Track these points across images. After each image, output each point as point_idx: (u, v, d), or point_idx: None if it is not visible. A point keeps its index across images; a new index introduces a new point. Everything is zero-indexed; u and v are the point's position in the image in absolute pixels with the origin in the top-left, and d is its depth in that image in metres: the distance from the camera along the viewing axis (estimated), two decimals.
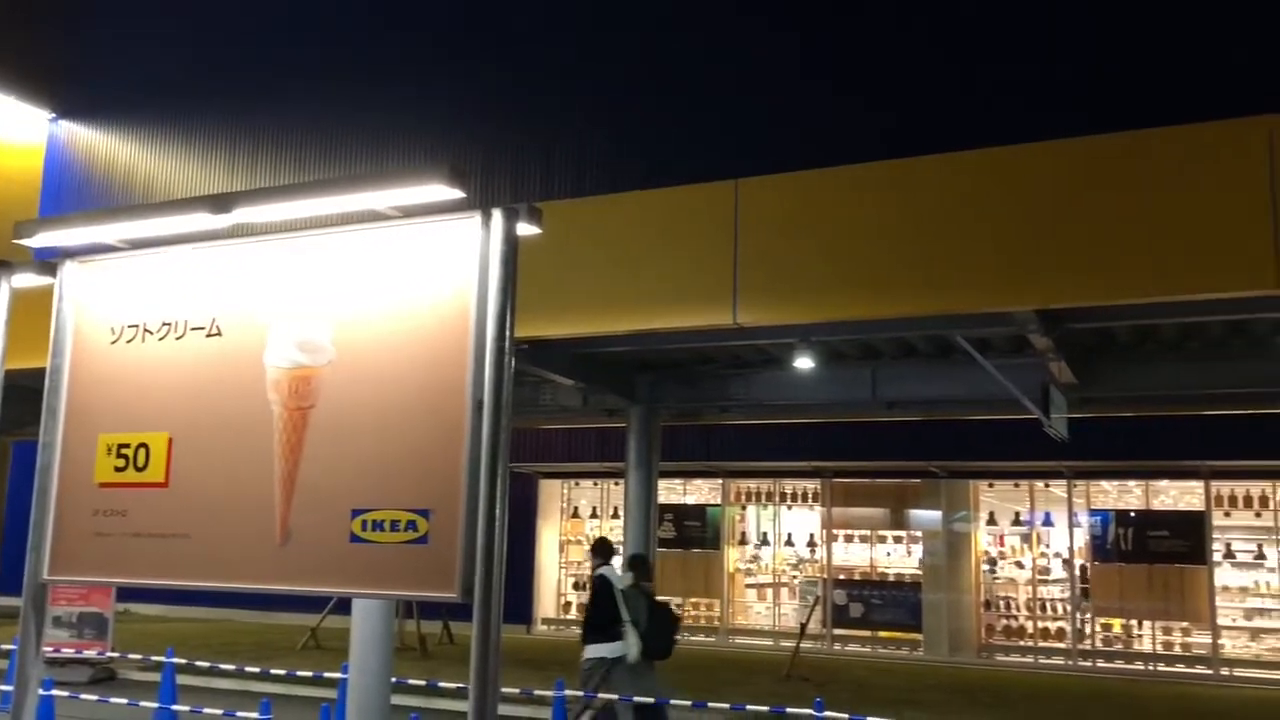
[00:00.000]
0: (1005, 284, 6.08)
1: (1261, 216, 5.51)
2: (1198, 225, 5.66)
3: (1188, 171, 5.72)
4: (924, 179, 6.34)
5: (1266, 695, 15.01)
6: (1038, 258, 5.98)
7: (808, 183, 6.58)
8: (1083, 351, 9.05)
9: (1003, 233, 6.08)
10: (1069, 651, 17.60)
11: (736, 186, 6.68)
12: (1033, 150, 6.10)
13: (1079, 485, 18.01)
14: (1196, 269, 5.68)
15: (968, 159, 6.24)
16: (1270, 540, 16.94)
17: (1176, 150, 5.82)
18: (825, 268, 6.35)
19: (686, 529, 20.68)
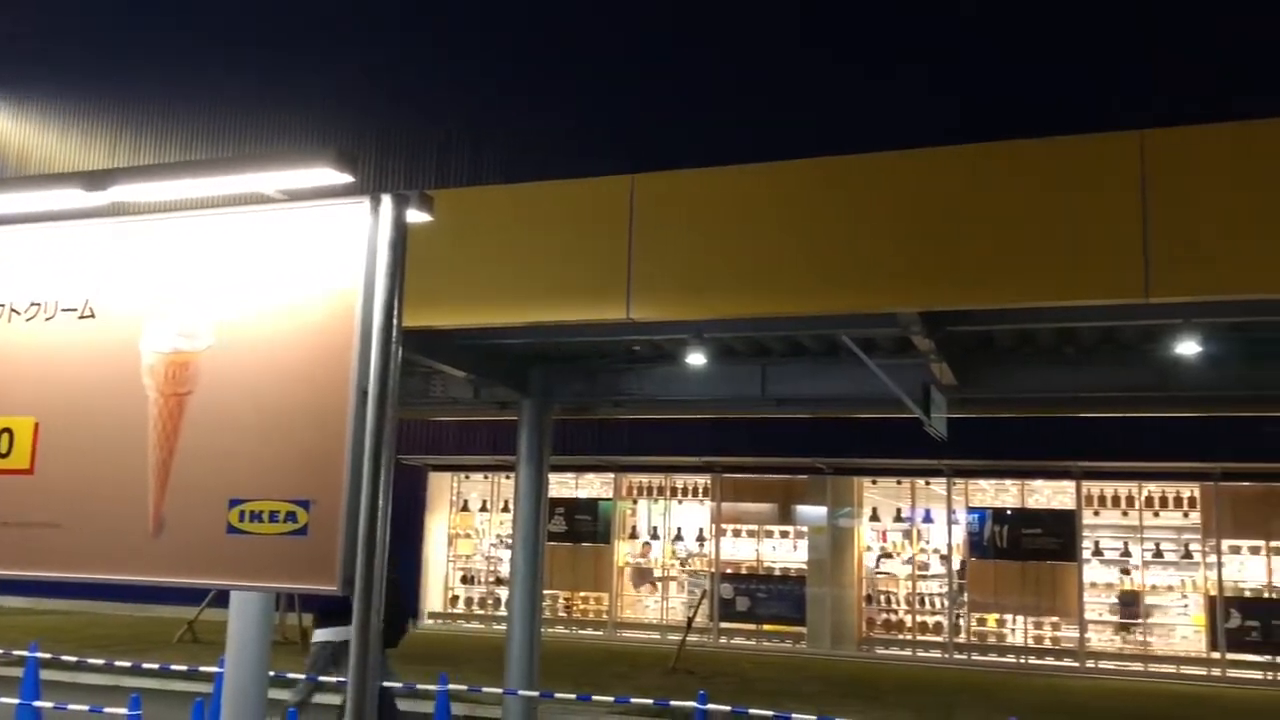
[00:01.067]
0: (890, 286, 6.23)
1: (1132, 229, 5.75)
2: (1073, 235, 5.88)
3: (1064, 183, 5.94)
4: (815, 181, 6.45)
5: (1128, 686, 15.71)
6: (922, 262, 6.14)
7: (703, 181, 6.63)
8: (964, 354, 9.31)
9: (889, 236, 6.22)
10: (945, 645, 18.15)
11: (633, 181, 6.70)
12: (919, 156, 6.26)
13: (958, 483, 18.58)
14: (1071, 277, 5.90)
15: (857, 162, 6.37)
16: (1135, 538, 17.72)
17: (1054, 161, 6.03)
18: (718, 265, 6.41)
19: (577, 523, 20.70)
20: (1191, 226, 5.75)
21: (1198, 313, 7.54)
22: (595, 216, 6.79)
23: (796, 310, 6.57)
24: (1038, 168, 6.05)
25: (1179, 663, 16.89)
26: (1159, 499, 17.68)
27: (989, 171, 6.15)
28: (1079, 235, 5.87)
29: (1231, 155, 5.84)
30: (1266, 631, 16.39)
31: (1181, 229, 5.73)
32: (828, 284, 6.37)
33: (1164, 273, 5.71)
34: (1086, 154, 5.97)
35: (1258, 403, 9.87)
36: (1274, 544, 16.84)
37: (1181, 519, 17.56)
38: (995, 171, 6.14)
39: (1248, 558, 16.99)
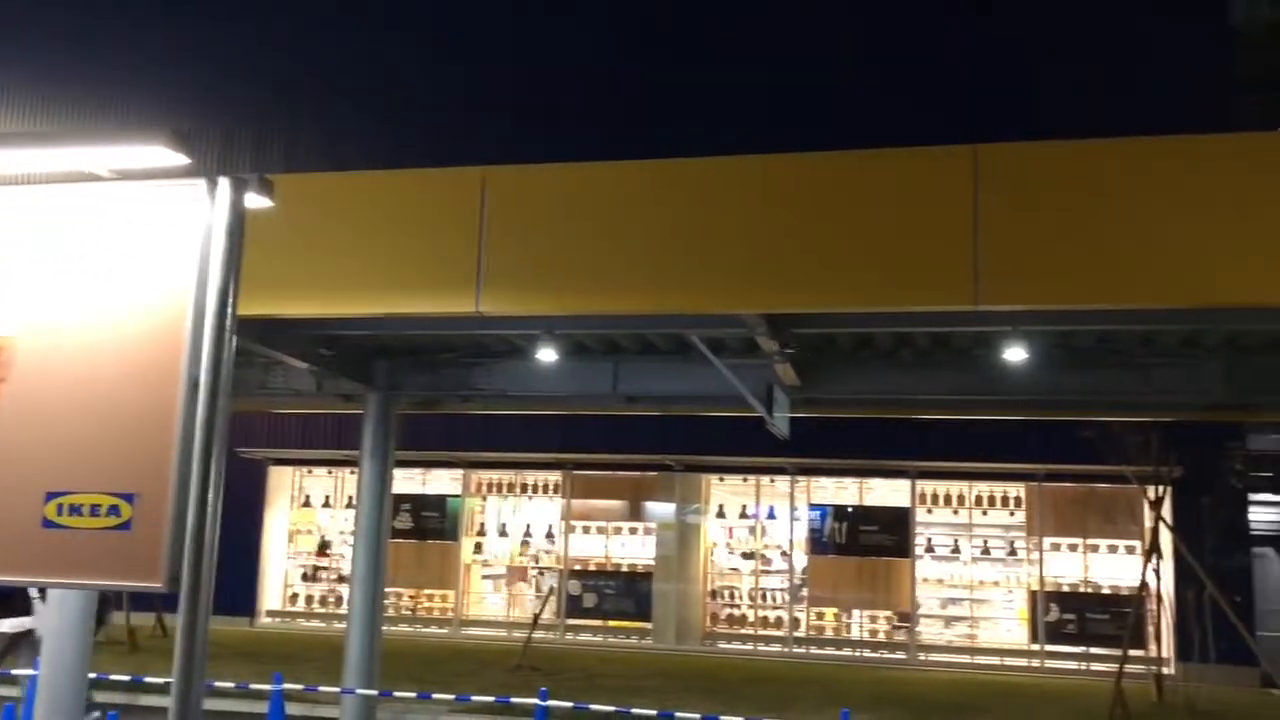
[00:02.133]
0: (736, 289, 6.35)
1: (964, 239, 6.02)
2: (909, 243, 6.11)
3: (901, 193, 6.17)
4: (665, 181, 6.52)
5: (955, 677, 16.42)
6: (767, 265, 6.28)
7: (555, 176, 6.63)
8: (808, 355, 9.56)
9: (736, 239, 6.34)
10: (785, 639, 18.62)
11: (485, 174, 6.64)
12: (765, 161, 6.40)
13: (801, 481, 19.08)
14: (907, 283, 6.13)
15: (706, 165, 6.47)
16: (965, 535, 18.54)
17: (892, 172, 6.26)
18: (569, 262, 6.42)
19: (425, 519, 20.41)
20: (1019, 239, 6.05)
21: (1024, 321, 7.94)
22: (446, 208, 6.70)
23: (646, 309, 6.64)
24: (877, 177, 6.26)
25: (1003, 654, 17.75)
26: (987, 498, 18.54)
27: (831, 179, 6.34)
28: (915, 244, 6.11)
29: (1059, 172, 6.17)
30: (1081, 624, 17.39)
31: (1010, 241, 6.02)
32: (677, 284, 6.45)
33: (992, 282, 5.99)
34: (923, 166, 6.21)
35: (1078, 408, 10.44)
36: (1090, 541, 17.86)
37: (1008, 517, 18.46)
38: (837, 179, 6.33)
39: (1067, 554, 17.99)
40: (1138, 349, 9.33)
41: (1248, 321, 8.02)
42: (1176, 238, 5.93)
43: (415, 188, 6.91)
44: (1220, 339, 8.91)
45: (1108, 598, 17.38)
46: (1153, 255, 5.92)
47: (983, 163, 6.13)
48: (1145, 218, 5.97)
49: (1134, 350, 9.38)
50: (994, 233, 6.01)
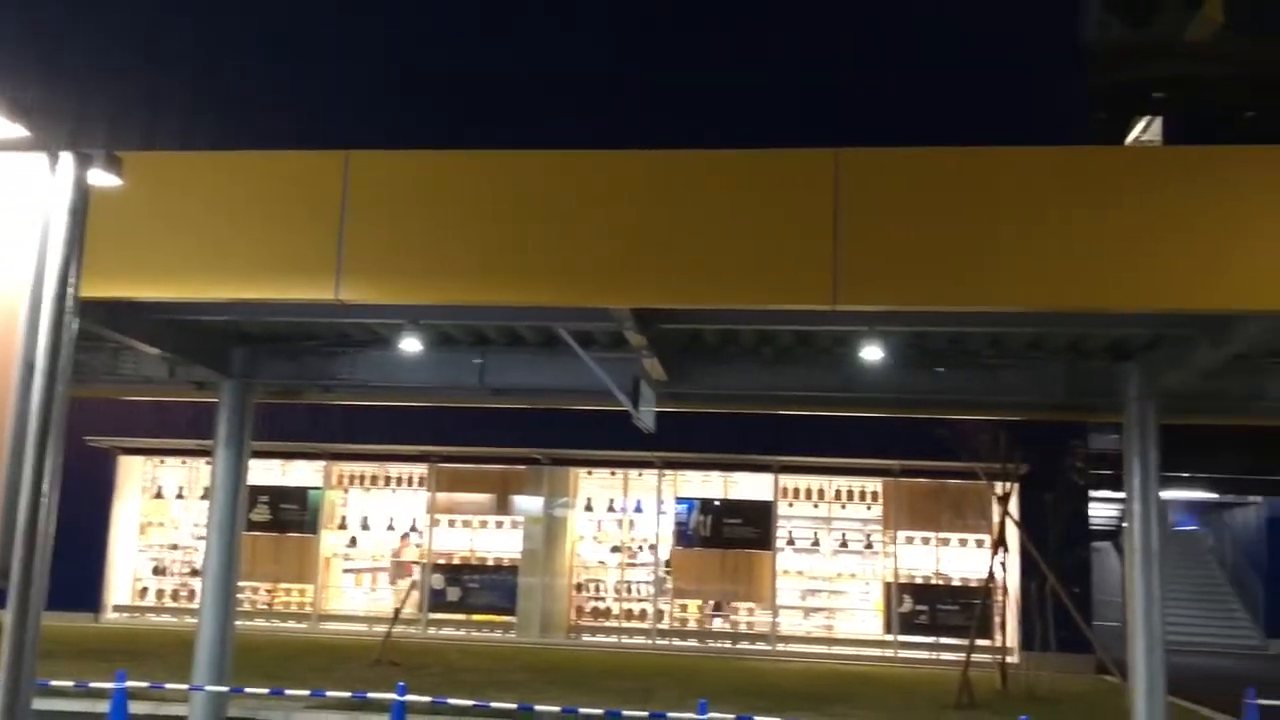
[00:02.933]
0: (604, 282, 6.37)
1: (825, 240, 6.17)
2: (772, 243, 6.24)
3: (765, 193, 6.30)
4: (535, 172, 6.50)
5: (813, 667, 16.84)
6: (634, 260, 6.33)
7: (421, 163, 6.53)
8: (675, 351, 9.67)
9: (605, 233, 6.37)
10: (649, 631, 18.79)
11: (347, 158, 6.50)
12: (634, 157, 6.45)
13: (668, 475, 19.28)
14: (769, 282, 6.26)
15: (577, 158, 6.48)
16: (825, 528, 19.02)
17: (757, 172, 6.38)
18: (434, 250, 6.34)
19: (284, 512, 19.88)
20: (877, 242, 6.24)
21: (880, 321, 8.19)
22: (307, 191, 6.54)
23: (513, 301, 6.61)
24: (742, 177, 6.37)
25: (859, 644, 18.29)
26: (846, 492, 19.05)
27: (698, 177, 6.41)
28: (778, 244, 6.24)
29: (916, 179, 6.38)
30: (933, 615, 18.05)
31: (868, 244, 6.20)
32: (545, 276, 6.44)
33: (850, 283, 6.16)
34: (787, 167, 6.35)
35: (933, 406, 10.81)
36: (942, 535, 18.54)
37: (865, 511, 19.02)
38: (703, 177, 6.41)
39: (920, 548, 18.64)
40: (986, 351, 9.73)
41: (1087, 326, 8.45)
42: (1022, 244, 6.20)
43: (275, 169, 6.72)
44: (1062, 343, 9.36)
45: (958, 589, 18.06)
46: (1000, 261, 6.18)
47: (843, 166, 6.30)
48: (995, 224, 6.23)
49: (983, 352, 9.78)
50: (853, 235, 6.18)
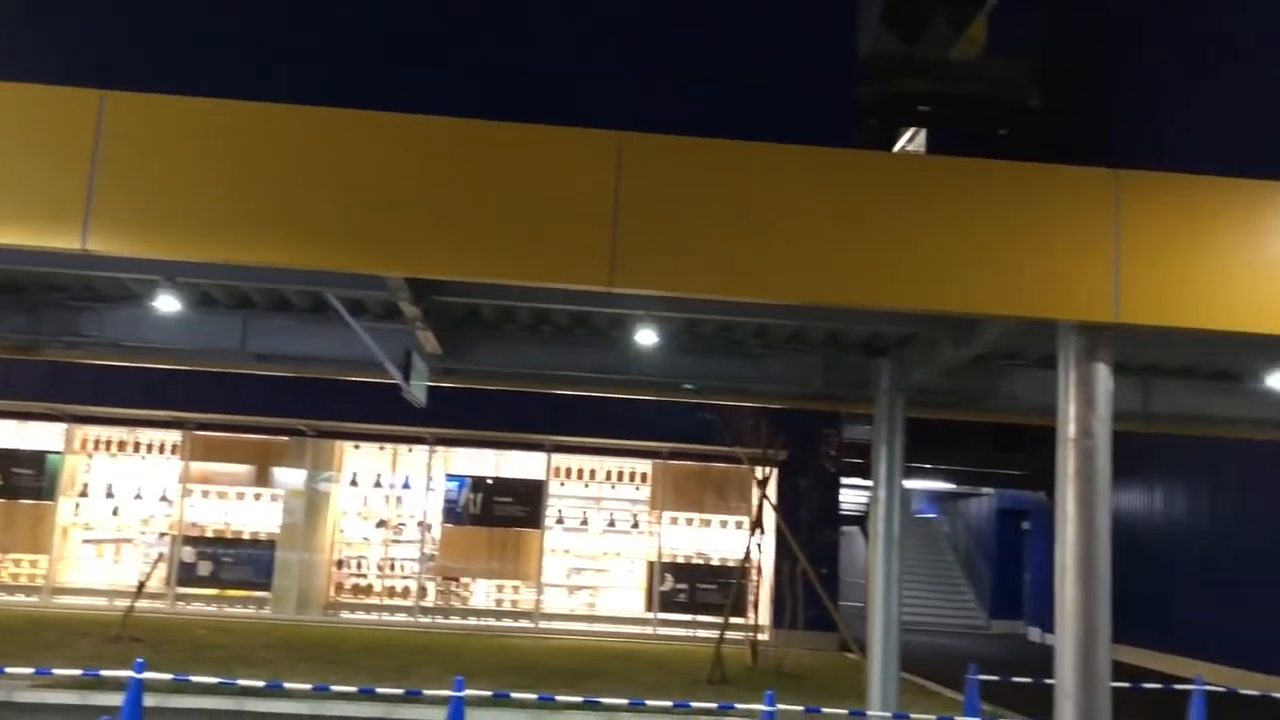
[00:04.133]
0: (378, 248, 6.19)
1: (604, 222, 6.22)
2: (553, 221, 6.24)
3: (549, 170, 6.28)
4: (308, 128, 6.23)
5: (576, 644, 17.05)
6: (411, 228, 6.18)
7: (185, 109, 6.13)
8: (452, 325, 9.54)
9: (383, 197, 6.18)
10: (411, 609, 18.54)
11: (104, 98, 6.03)
12: (414, 122, 6.29)
13: (439, 451, 19.03)
14: (548, 260, 6.25)
15: (359, 117, 6.26)
16: (595, 508, 19.27)
17: (540, 148, 6.35)
18: (195, 203, 5.97)
19: (17, 477, 18.41)
20: (654, 228, 6.34)
21: (655, 306, 8.36)
22: (55, 130, 6.03)
23: (280, 262, 6.31)
24: (525, 153, 6.33)
25: (621, 622, 18.65)
26: (617, 473, 19.37)
27: (481, 149, 6.33)
28: (558, 222, 6.24)
29: (697, 169, 6.51)
30: (692, 594, 18.64)
31: (645, 229, 6.29)
32: (316, 238, 6.19)
33: (627, 266, 6.24)
34: (571, 146, 6.35)
35: (701, 391, 11.10)
36: (705, 517, 19.15)
37: (634, 492, 19.39)
38: (486, 150, 6.33)
39: (684, 528, 19.18)
40: (752, 340, 10.10)
41: (845, 321, 8.91)
42: (790, 239, 6.45)
43: (20, 104, 6.16)
44: (822, 336, 9.83)
45: (717, 569, 18.72)
46: (768, 254, 6.41)
47: (627, 151, 6.36)
48: (766, 219, 6.45)
49: (750, 341, 10.16)
50: (631, 219, 6.26)
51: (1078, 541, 6.45)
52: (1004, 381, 10.38)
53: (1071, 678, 6.35)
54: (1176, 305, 6.55)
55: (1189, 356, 9.65)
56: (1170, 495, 20.32)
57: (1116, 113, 22.06)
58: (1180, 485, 19.92)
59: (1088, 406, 6.58)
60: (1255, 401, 10.26)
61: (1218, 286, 6.54)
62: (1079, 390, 6.62)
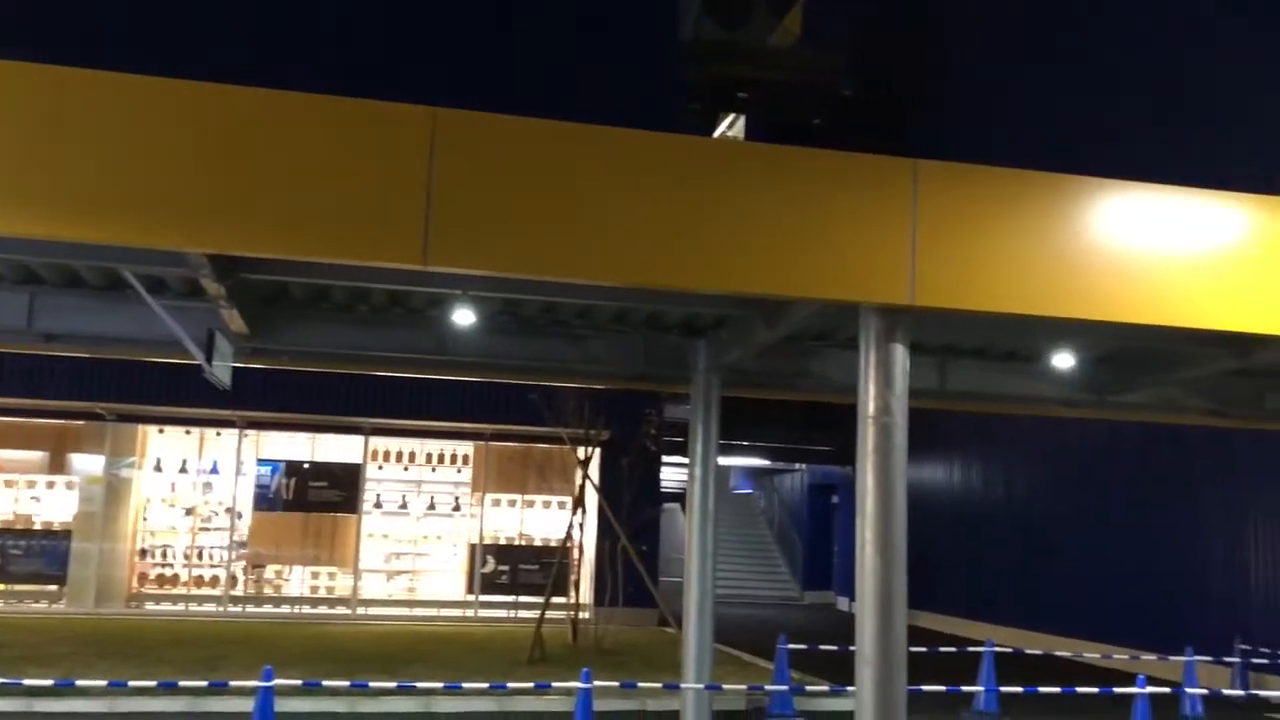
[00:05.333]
0: (177, 223, 5.89)
1: (417, 199, 6.11)
2: (364, 197, 6.08)
3: (359, 143, 6.12)
4: (102, 93, 5.87)
5: (395, 630, 16.79)
6: (213, 201, 5.91)
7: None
8: (260, 303, 9.19)
9: (181, 168, 5.89)
10: (221, 598, 17.85)
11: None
12: (216, 90, 6.01)
13: (250, 435, 18.35)
14: (359, 237, 6.09)
15: (149, 84, 5.93)
16: (415, 491, 18.99)
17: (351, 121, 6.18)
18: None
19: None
20: (470, 206, 6.27)
21: (472, 285, 8.28)
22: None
23: (68, 236, 5.94)
24: (336, 124, 6.15)
25: (442, 606, 18.47)
26: (438, 455, 19.13)
27: (287, 119, 6.12)
28: (369, 198, 6.09)
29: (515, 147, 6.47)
30: (514, 575, 18.63)
31: (461, 207, 6.21)
32: (107, 211, 5.85)
33: (442, 244, 6.15)
34: (383, 120, 6.21)
35: (523, 373, 11.07)
36: (528, 498, 19.15)
37: (456, 474, 19.20)
38: (293, 121, 6.12)
39: (506, 510, 19.13)
40: (575, 321, 10.14)
41: (663, 303, 9.05)
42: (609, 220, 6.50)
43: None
44: (642, 317, 9.96)
45: (539, 550, 18.75)
46: (588, 234, 6.44)
47: (441, 127, 6.26)
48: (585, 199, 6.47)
49: (572, 322, 10.19)
50: (447, 196, 6.17)
51: (876, 514, 6.76)
52: (815, 362, 10.76)
53: (870, 644, 6.66)
54: (969, 289, 6.92)
55: (982, 337, 10.22)
56: (967, 470, 21.56)
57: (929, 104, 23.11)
58: (976, 460, 21.16)
59: (886, 385, 6.89)
60: (1042, 380, 10.97)
61: (1007, 272, 6.95)
62: (878, 370, 6.92)
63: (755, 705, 11.06)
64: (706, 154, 6.99)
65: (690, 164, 6.78)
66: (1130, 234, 7.12)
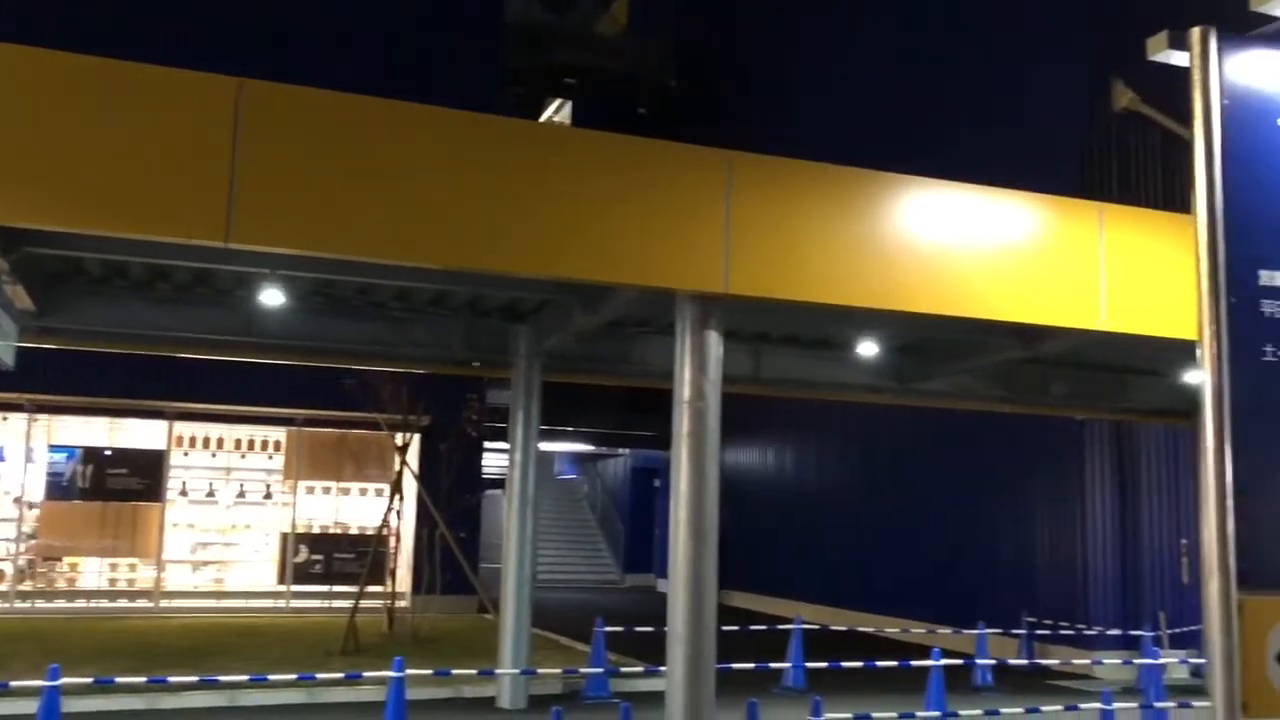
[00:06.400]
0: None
1: (220, 174, 5.86)
2: (163, 169, 5.79)
3: (158, 115, 5.82)
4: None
5: (201, 622, 16.11)
6: None
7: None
8: (46, 278, 8.66)
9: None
10: (7, 593, 16.72)
11: None
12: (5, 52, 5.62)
13: (41, 420, 17.24)
14: (157, 212, 5.80)
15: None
16: (223, 479, 18.24)
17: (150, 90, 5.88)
18: None
19: None
20: (278, 182, 6.06)
21: (283, 265, 8.01)
22: None
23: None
24: (135, 92, 5.84)
25: (251, 597, 17.81)
26: (248, 441, 18.41)
27: (80, 86, 5.77)
28: (168, 170, 5.81)
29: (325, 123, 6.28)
30: (328, 564, 18.14)
31: (268, 182, 6.00)
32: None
33: (247, 221, 5.92)
34: (185, 90, 5.93)
35: (338, 355, 10.80)
36: (343, 485, 18.67)
37: (267, 461, 18.52)
38: (85, 87, 5.77)
39: (321, 497, 18.60)
40: (393, 303, 9.95)
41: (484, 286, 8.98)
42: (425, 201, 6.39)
43: None
44: (463, 301, 9.86)
45: (356, 538, 18.31)
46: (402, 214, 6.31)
47: (247, 99, 6.03)
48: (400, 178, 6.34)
49: (390, 304, 9.99)
50: (252, 171, 5.94)
51: (689, 496, 6.92)
52: (636, 347, 10.90)
53: (682, 622, 6.81)
54: (780, 279, 7.15)
55: (794, 326, 10.58)
56: (781, 454, 22.27)
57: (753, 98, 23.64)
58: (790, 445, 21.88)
59: (700, 371, 7.05)
60: (850, 368, 11.44)
61: (816, 263, 7.21)
62: (693, 355, 7.07)
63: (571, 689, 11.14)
64: (527, 137, 6.98)
65: (511, 146, 6.75)
66: (931, 229, 7.49)
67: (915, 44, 17.81)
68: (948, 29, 16.95)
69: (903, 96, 17.85)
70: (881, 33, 18.87)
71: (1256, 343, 3.07)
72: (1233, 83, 3.10)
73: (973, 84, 16.22)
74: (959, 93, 16.48)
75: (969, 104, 16.23)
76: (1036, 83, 15.03)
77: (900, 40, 18.30)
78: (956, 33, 16.74)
